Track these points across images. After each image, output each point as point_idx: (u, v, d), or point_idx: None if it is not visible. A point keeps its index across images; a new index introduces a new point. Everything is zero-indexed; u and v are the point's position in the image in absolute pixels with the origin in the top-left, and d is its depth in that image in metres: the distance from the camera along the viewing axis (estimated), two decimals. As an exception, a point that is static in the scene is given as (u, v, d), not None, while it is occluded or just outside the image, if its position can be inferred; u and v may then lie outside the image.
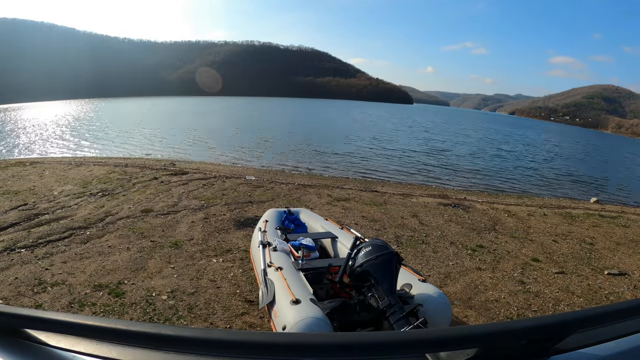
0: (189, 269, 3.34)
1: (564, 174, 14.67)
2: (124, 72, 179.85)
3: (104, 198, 5.43)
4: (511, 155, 19.55)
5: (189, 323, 2.57)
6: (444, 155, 16.49)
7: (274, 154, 13.57)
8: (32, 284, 2.93)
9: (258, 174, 8.53)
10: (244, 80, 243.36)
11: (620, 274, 3.91)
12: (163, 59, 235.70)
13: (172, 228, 4.35)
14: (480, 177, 12.11)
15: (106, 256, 3.51)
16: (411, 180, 10.53)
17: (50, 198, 5.27)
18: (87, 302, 2.73)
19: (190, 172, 7.69)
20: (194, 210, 5.07)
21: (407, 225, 5.02)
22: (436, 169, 12.85)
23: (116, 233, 4.10)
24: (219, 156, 12.69)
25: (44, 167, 7.62)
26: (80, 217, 4.54)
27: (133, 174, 7.10)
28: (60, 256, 3.45)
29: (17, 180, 6.30)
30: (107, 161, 9.32)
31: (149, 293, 2.90)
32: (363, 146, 17.35)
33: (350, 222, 4.84)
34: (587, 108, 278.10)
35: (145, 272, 3.23)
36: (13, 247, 3.56)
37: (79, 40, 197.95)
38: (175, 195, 5.77)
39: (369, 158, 14.03)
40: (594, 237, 5.18)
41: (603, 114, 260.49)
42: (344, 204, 5.88)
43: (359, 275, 2.06)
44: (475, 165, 14.53)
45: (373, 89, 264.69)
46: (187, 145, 15.25)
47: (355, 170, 11.36)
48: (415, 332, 0.37)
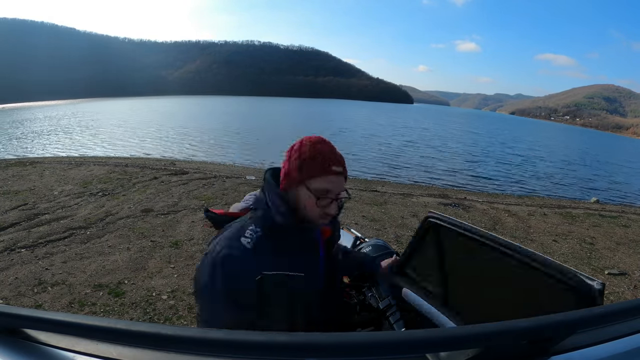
0: (189, 268, 3.34)
1: (564, 174, 14.67)
2: (124, 71, 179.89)
3: (104, 198, 5.43)
4: (511, 155, 19.55)
5: (189, 323, 2.57)
6: (444, 155, 16.49)
7: (274, 154, 13.57)
8: (32, 284, 2.93)
9: (258, 173, 8.54)
10: (244, 80, 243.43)
11: (621, 273, 3.91)
12: (163, 59, 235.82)
13: (172, 228, 4.35)
14: (480, 176, 12.11)
15: (106, 256, 3.51)
16: (411, 180, 10.53)
17: (51, 198, 5.28)
18: (87, 302, 2.73)
19: (190, 172, 7.69)
20: (194, 210, 5.07)
21: (407, 225, 5.02)
22: (436, 169, 12.85)
23: (116, 233, 4.10)
24: (219, 156, 12.69)
25: (44, 167, 7.62)
26: (81, 217, 4.54)
27: (133, 174, 7.10)
28: (60, 256, 3.45)
29: (18, 180, 6.31)
30: (107, 161, 9.33)
31: (149, 293, 2.90)
32: (364, 147, 17.35)
33: (350, 222, 4.83)
34: (587, 108, 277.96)
35: (146, 272, 3.23)
36: (13, 247, 3.56)
37: (79, 40, 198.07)
38: (175, 195, 5.77)
39: (369, 158, 14.04)
40: (594, 237, 5.18)
41: (603, 113, 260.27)
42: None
43: (359, 275, 2.06)
44: (475, 165, 14.53)
45: (373, 89, 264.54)
46: (187, 145, 15.25)
47: (355, 170, 11.37)
48: (415, 332, 0.37)
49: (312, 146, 0.89)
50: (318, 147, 0.90)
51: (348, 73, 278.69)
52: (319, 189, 0.88)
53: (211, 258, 0.88)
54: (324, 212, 0.90)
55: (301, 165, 0.88)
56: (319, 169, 0.88)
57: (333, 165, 0.89)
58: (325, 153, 0.89)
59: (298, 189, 0.90)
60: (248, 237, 0.88)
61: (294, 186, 0.90)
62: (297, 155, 0.90)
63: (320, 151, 0.89)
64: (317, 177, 0.88)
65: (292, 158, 0.91)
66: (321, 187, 0.88)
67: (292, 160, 0.91)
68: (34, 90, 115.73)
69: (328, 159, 0.88)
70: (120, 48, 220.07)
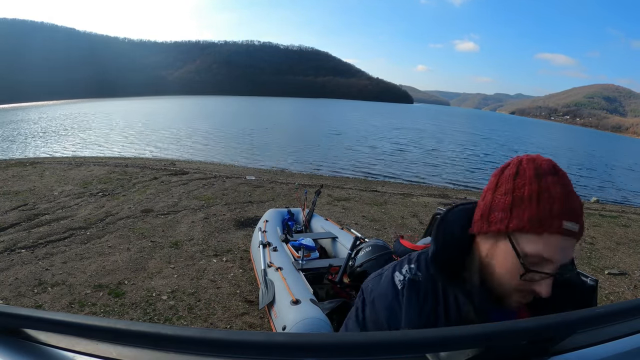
0: (189, 269, 3.34)
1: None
2: (124, 72, 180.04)
3: (104, 198, 5.43)
4: (511, 155, 19.54)
5: (189, 323, 2.57)
6: (444, 155, 16.50)
7: (274, 154, 13.58)
8: (32, 284, 2.93)
9: (258, 173, 8.54)
10: (243, 80, 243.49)
11: (621, 273, 3.90)
12: (163, 59, 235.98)
13: (172, 228, 4.35)
14: (481, 176, 12.11)
15: (106, 256, 3.51)
16: (411, 180, 10.53)
17: (51, 198, 5.28)
18: (87, 302, 2.73)
19: (190, 172, 7.69)
20: (194, 210, 5.07)
21: (407, 225, 5.02)
22: (436, 169, 12.85)
23: (116, 233, 4.10)
24: (219, 156, 12.70)
25: (44, 167, 7.62)
26: (81, 217, 4.54)
27: (133, 174, 7.10)
28: (60, 256, 3.45)
29: (18, 180, 6.31)
30: (107, 161, 9.33)
31: (149, 293, 2.90)
32: (364, 146, 17.36)
33: (350, 222, 4.83)
34: (587, 107, 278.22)
35: (146, 273, 3.23)
36: (13, 248, 3.56)
37: (79, 41, 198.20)
38: (175, 195, 5.78)
39: (369, 158, 14.04)
40: (594, 236, 5.17)
41: (603, 113, 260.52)
42: (344, 204, 5.88)
43: (359, 275, 2.06)
44: (476, 165, 14.54)
45: (373, 89, 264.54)
46: (187, 145, 15.26)
47: (355, 170, 11.37)
48: (415, 332, 0.37)
49: (538, 178, 0.56)
50: (547, 181, 0.56)
51: (348, 73, 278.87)
52: (531, 253, 0.55)
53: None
54: (526, 289, 0.58)
55: (512, 204, 0.56)
56: (540, 222, 0.54)
57: (566, 218, 0.54)
58: (557, 195, 0.55)
59: (497, 239, 0.59)
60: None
61: (492, 233, 0.59)
62: (510, 186, 0.57)
63: (549, 190, 0.55)
64: (532, 232, 0.55)
65: (499, 188, 0.59)
66: (536, 251, 0.55)
67: (497, 192, 0.59)
68: (33, 90, 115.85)
69: (559, 207, 0.54)
70: (120, 48, 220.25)
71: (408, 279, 0.66)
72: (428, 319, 0.63)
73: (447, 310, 0.63)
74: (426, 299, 0.64)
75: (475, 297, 0.60)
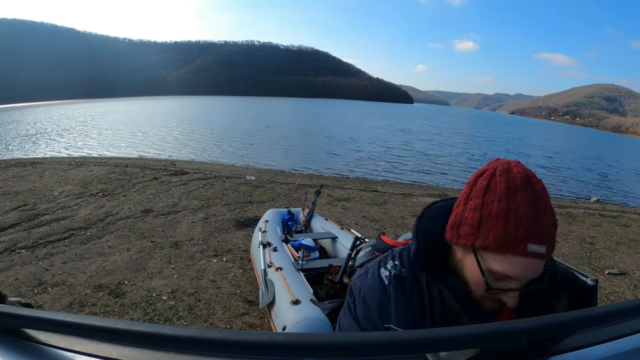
0: (189, 269, 3.34)
1: (564, 174, 14.67)
2: (124, 72, 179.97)
3: (104, 198, 5.43)
4: (511, 155, 19.55)
5: (189, 323, 2.57)
6: (444, 155, 16.50)
7: (275, 154, 13.58)
8: (32, 284, 2.93)
9: (258, 173, 8.54)
10: (243, 80, 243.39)
11: (621, 273, 3.90)
12: (163, 59, 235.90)
13: (172, 228, 4.35)
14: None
15: (106, 257, 3.51)
16: (411, 180, 10.53)
17: (51, 198, 5.28)
18: (87, 302, 2.73)
19: (190, 172, 7.69)
20: (194, 210, 5.07)
21: (407, 225, 5.02)
22: (436, 169, 12.86)
23: (116, 233, 4.10)
24: (219, 156, 12.70)
25: (44, 167, 7.62)
26: (81, 217, 4.54)
27: (133, 174, 7.10)
28: (60, 257, 3.45)
29: (18, 180, 6.31)
30: (108, 161, 9.33)
31: (149, 293, 2.90)
32: (363, 147, 17.36)
33: (350, 222, 4.83)
34: (587, 107, 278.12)
35: (146, 273, 3.23)
36: (13, 248, 3.56)
37: (79, 41, 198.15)
38: (175, 195, 5.78)
39: (369, 158, 14.04)
40: (595, 236, 5.17)
41: (603, 113, 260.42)
42: (344, 204, 5.88)
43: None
44: (476, 165, 14.54)
45: (373, 89, 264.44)
46: (187, 145, 15.26)
47: (355, 170, 11.37)
48: (415, 332, 0.37)
49: (507, 195, 0.54)
50: (517, 199, 0.54)
51: (348, 73, 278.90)
52: (496, 271, 0.55)
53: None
54: (495, 298, 0.59)
55: (480, 222, 0.55)
56: (504, 243, 0.53)
57: (531, 241, 0.53)
58: (525, 216, 0.53)
59: (466, 250, 0.59)
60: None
61: (460, 245, 0.60)
62: (479, 202, 0.56)
63: (517, 210, 0.53)
64: (497, 252, 0.54)
65: (470, 201, 0.58)
66: (500, 269, 0.55)
67: (468, 205, 0.58)
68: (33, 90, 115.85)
69: (526, 229, 0.53)
70: (120, 48, 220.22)
71: (394, 275, 0.67)
72: (415, 314, 0.65)
73: (432, 304, 0.65)
74: (412, 294, 0.66)
75: (458, 291, 0.62)
